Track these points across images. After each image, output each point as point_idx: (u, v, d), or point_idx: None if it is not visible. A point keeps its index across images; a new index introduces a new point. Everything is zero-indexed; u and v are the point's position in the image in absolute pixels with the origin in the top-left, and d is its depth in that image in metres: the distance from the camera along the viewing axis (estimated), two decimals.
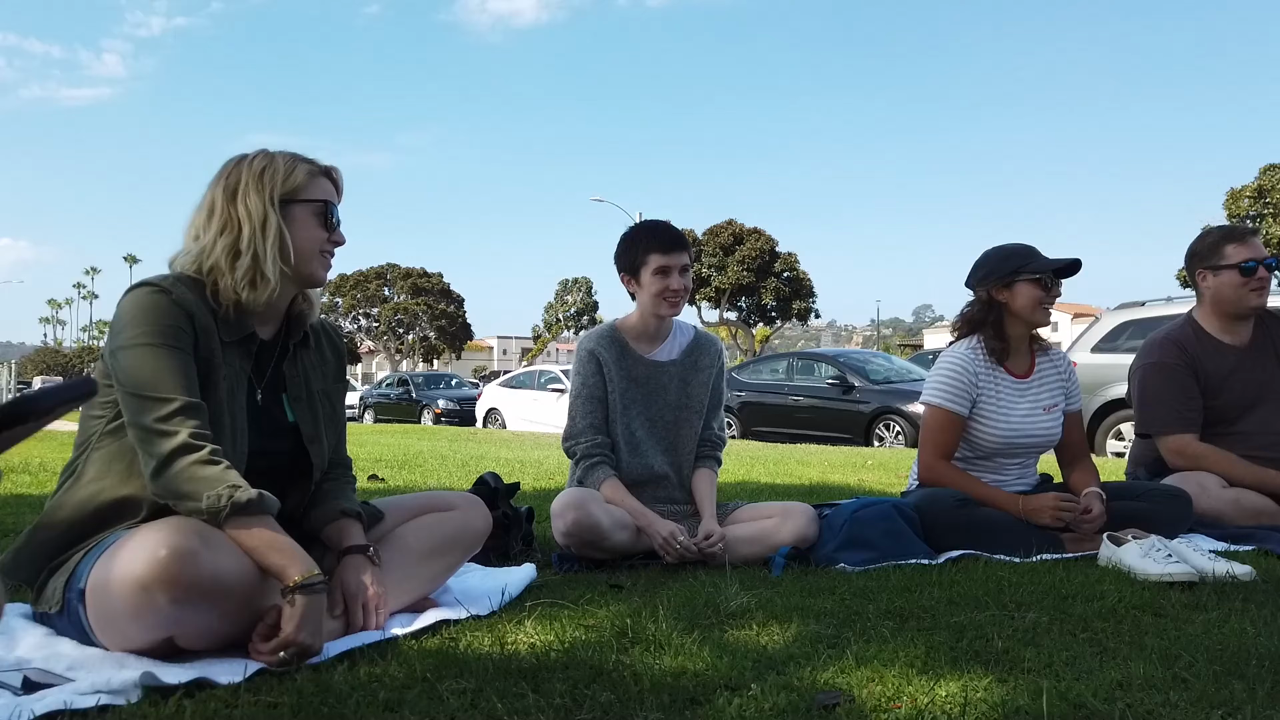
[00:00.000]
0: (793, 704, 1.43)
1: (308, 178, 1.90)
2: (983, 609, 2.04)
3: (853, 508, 2.80)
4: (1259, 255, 3.24)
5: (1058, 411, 3.06)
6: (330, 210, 1.92)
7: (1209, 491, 3.06)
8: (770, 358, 15.18)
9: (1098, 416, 8.37)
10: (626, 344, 2.82)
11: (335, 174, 1.97)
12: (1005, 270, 2.94)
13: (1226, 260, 3.27)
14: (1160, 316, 7.67)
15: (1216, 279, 3.30)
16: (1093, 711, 1.38)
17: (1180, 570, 2.30)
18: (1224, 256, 3.28)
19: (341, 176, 1.99)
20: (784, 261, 43.03)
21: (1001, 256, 2.98)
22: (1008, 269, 2.94)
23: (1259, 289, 3.23)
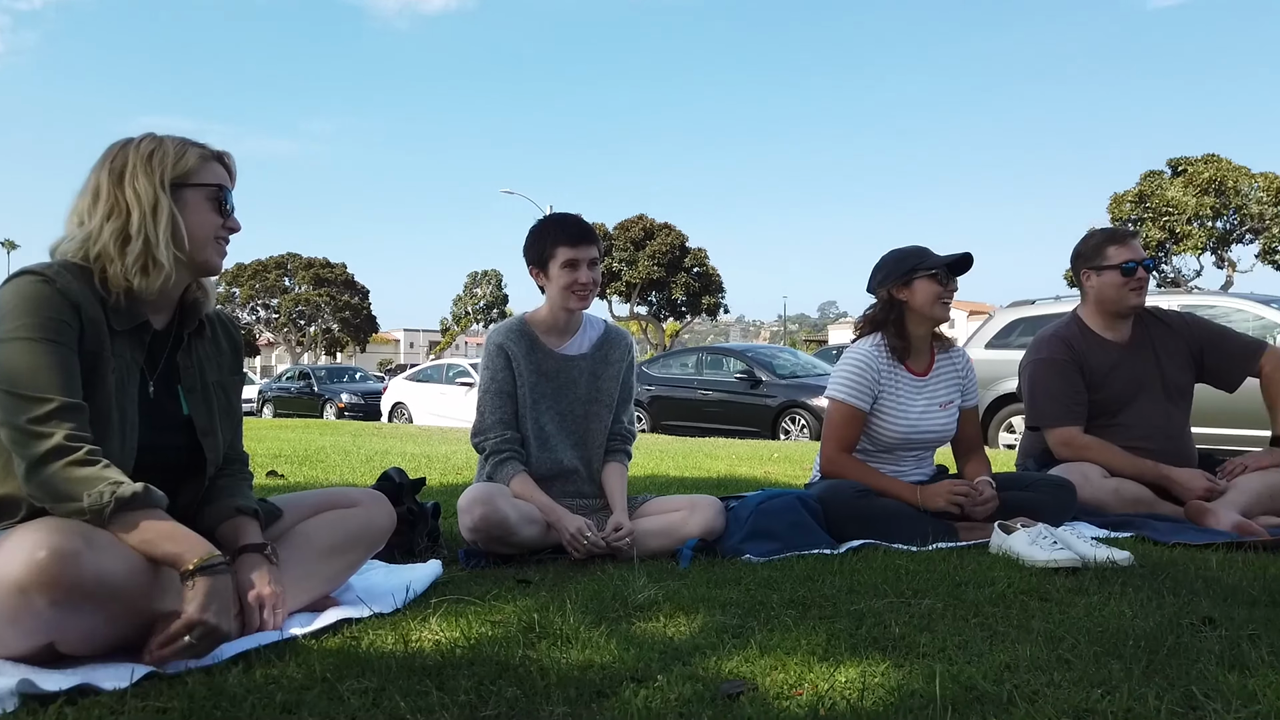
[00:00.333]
0: (698, 694, 1.44)
1: (199, 162, 1.83)
2: (881, 596, 2.10)
3: (758, 500, 2.85)
4: (1138, 256, 3.42)
5: (954, 408, 3.17)
6: (224, 195, 1.86)
7: (1091, 481, 3.22)
8: (680, 352, 15.30)
9: (991, 410, 8.71)
10: (536, 338, 2.80)
11: (228, 159, 1.91)
12: (903, 269, 3.04)
13: (1108, 261, 3.45)
14: (1049, 314, 8.04)
15: (1099, 279, 3.47)
16: (983, 693, 1.44)
17: (1065, 556, 2.42)
18: (1106, 257, 3.46)
19: (234, 162, 1.93)
20: (694, 257, 43.41)
21: (898, 258, 3.08)
22: (905, 268, 3.04)
23: (1138, 288, 3.42)
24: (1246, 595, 2.09)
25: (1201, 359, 3.52)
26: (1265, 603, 2.03)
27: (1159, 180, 34.65)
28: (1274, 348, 3.51)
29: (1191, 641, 1.72)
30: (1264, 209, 32.89)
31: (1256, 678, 1.51)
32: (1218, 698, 1.41)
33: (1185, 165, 34.41)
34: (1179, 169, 34.55)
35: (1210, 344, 3.52)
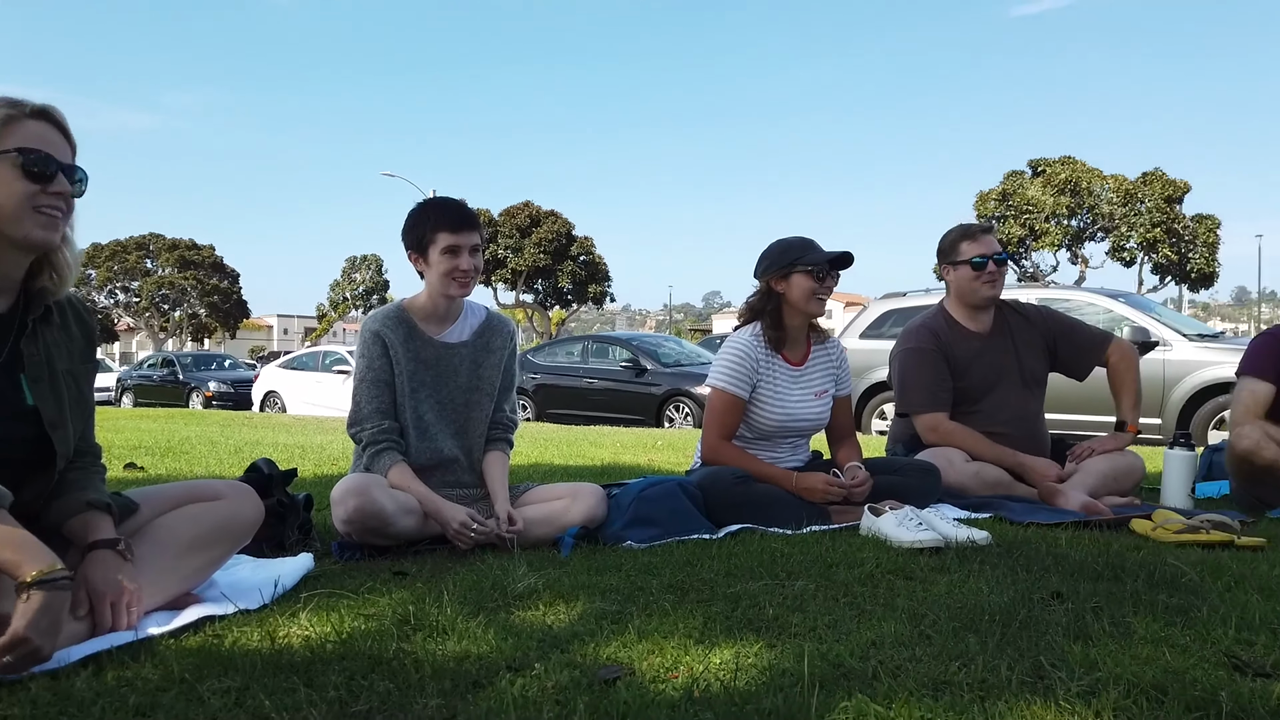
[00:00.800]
0: (575, 681, 1.45)
1: (3, 124, 1.65)
2: (757, 579, 2.15)
3: (640, 487, 2.88)
4: (989, 251, 3.61)
5: (828, 397, 3.27)
6: (39, 160, 1.66)
7: (955, 465, 3.38)
8: (566, 340, 15.26)
9: (864, 398, 9.05)
10: (414, 325, 2.73)
11: (53, 116, 1.72)
12: (783, 262, 3.12)
13: (962, 256, 3.64)
14: (919, 306, 8.38)
15: (956, 273, 3.66)
16: (849, 669, 1.49)
17: (929, 537, 2.53)
18: (960, 253, 3.65)
19: (65, 120, 1.73)
20: (581, 245, 43.32)
21: (781, 249, 3.15)
22: (785, 261, 3.11)
23: (990, 282, 3.61)
24: (1091, 570, 2.23)
25: (1055, 349, 3.74)
26: (1108, 577, 2.17)
27: (1020, 179, 36.61)
28: (1120, 339, 3.77)
29: (1041, 615, 1.83)
30: (1114, 209, 35.20)
31: (1098, 647, 1.62)
32: (1063, 667, 1.50)
33: (1044, 166, 36.48)
34: (1039, 169, 36.60)
35: (1063, 335, 3.74)
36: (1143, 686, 1.40)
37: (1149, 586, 2.08)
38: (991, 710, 1.33)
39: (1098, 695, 1.38)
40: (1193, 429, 7.38)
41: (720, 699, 1.36)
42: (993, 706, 1.34)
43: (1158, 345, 7.73)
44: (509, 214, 42.06)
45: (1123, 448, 3.55)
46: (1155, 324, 8.05)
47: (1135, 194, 35.13)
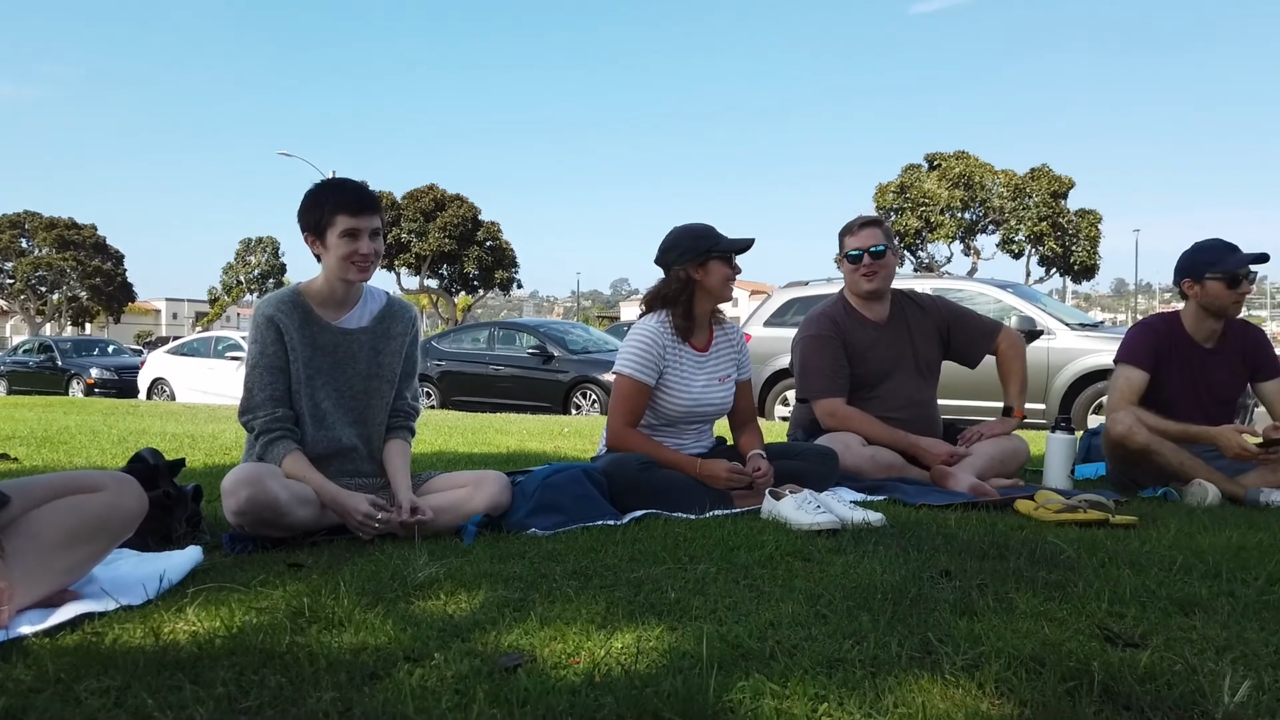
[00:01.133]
0: (475, 669, 1.43)
1: None
2: (660, 564, 2.17)
3: (545, 474, 2.87)
4: (864, 245, 3.72)
5: (731, 382, 3.32)
6: None
7: (852, 449, 3.48)
8: (471, 327, 15.06)
9: (768, 384, 9.22)
10: (311, 310, 2.65)
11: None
12: (700, 249, 3.14)
13: (844, 249, 3.77)
14: (821, 294, 8.58)
15: (844, 265, 3.79)
16: (748, 650, 1.52)
17: (827, 519, 2.60)
18: (844, 246, 3.78)
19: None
20: (487, 230, 42.71)
21: (695, 236, 3.18)
22: (702, 248, 3.14)
23: (867, 274, 3.73)
24: (978, 549, 2.33)
25: (948, 338, 3.88)
26: (993, 555, 2.27)
27: (917, 173, 37.77)
28: (1008, 329, 3.93)
29: (931, 592, 1.90)
30: (1004, 203, 36.67)
31: (982, 622, 1.69)
32: (949, 642, 1.56)
33: (940, 160, 37.73)
34: (934, 163, 37.83)
35: (956, 324, 3.89)
36: (1022, 658, 1.47)
37: (1030, 563, 2.18)
38: (882, 685, 1.37)
39: (981, 668, 1.44)
40: (1073, 414, 7.77)
41: (621, 683, 1.37)
42: (883, 681, 1.39)
43: (1043, 334, 8.11)
44: (412, 197, 41.16)
45: (1009, 432, 3.71)
46: (1041, 314, 8.43)
47: (1024, 189, 36.66)
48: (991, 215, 37.26)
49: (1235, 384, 3.67)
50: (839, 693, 1.34)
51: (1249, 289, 3.52)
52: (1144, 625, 1.70)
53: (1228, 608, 1.82)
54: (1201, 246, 3.60)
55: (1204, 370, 3.61)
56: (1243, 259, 3.49)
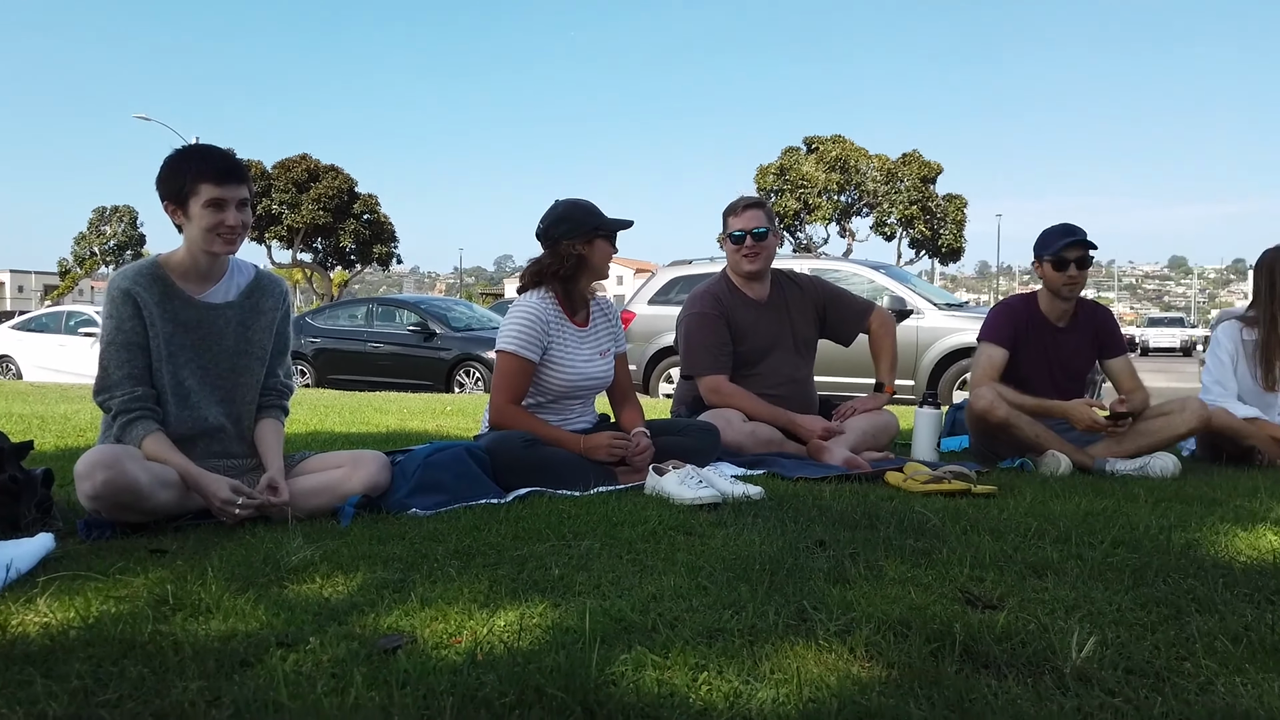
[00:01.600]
0: (353, 653, 1.40)
1: None
2: (544, 541, 2.17)
3: (425, 453, 2.81)
4: (747, 226, 3.81)
5: (610, 355, 3.34)
6: None
7: (733, 425, 3.55)
8: (349, 303, 14.58)
9: (652, 362, 9.30)
10: (172, 283, 2.50)
11: None
12: (587, 226, 3.14)
13: (728, 229, 3.84)
14: (705, 273, 8.69)
15: (726, 245, 3.87)
16: (630, 623, 1.54)
17: (708, 494, 2.65)
18: (727, 226, 3.86)
19: None
20: (364, 203, 41.37)
21: (584, 212, 3.17)
22: (589, 225, 3.13)
23: (749, 255, 3.81)
24: (851, 520, 2.42)
25: (825, 317, 4.00)
26: (865, 525, 2.37)
27: (796, 156, 38.69)
28: (880, 308, 4.09)
29: (806, 562, 1.96)
30: (878, 186, 37.98)
31: (854, 589, 1.76)
32: (823, 609, 1.62)
33: (818, 144, 38.73)
34: (813, 146, 38.82)
35: (832, 304, 4.01)
36: (890, 622, 1.54)
37: (899, 532, 2.28)
38: (759, 653, 1.41)
39: (852, 633, 1.50)
40: (940, 390, 8.15)
41: (504, 660, 1.36)
42: (760, 649, 1.43)
43: (912, 314, 8.46)
44: (284, 167, 39.46)
45: (880, 407, 3.86)
46: (910, 294, 8.79)
47: (896, 173, 38.06)
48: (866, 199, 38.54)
49: (1085, 361, 3.92)
50: (718, 661, 1.37)
51: (1077, 272, 3.73)
52: (1001, 588, 1.81)
53: (1076, 570, 1.95)
54: (1044, 231, 3.82)
55: (1057, 348, 3.84)
56: (1061, 244, 3.70)
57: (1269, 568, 1.98)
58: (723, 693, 1.27)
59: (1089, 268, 3.76)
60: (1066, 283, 3.73)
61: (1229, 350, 4.01)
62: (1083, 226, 3.77)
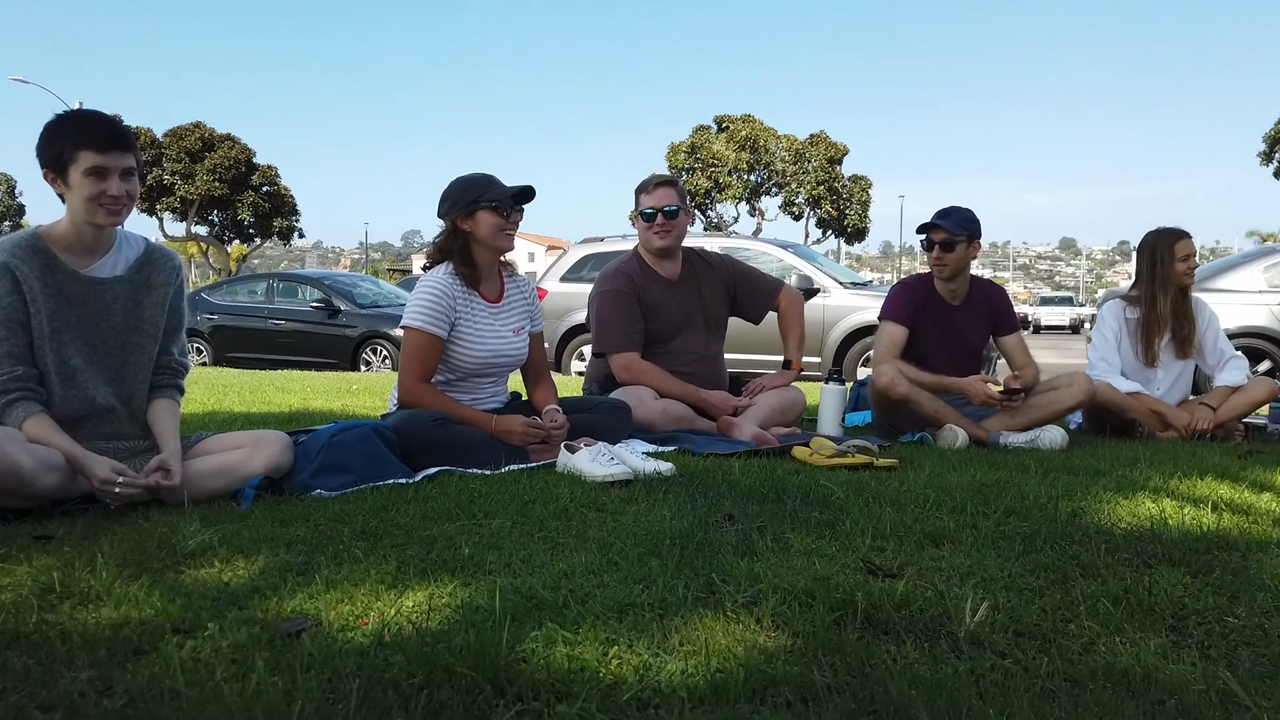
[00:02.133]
0: (254, 638, 1.36)
1: None
2: (454, 520, 2.15)
3: (330, 432, 2.75)
4: (658, 204, 3.82)
5: (524, 334, 3.31)
6: None
7: (644, 403, 3.58)
8: (248, 278, 14.09)
9: (564, 339, 9.27)
10: (54, 256, 2.37)
11: None
12: (466, 200, 3.08)
13: (639, 207, 3.85)
14: (617, 250, 8.70)
15: (638, 222, 3.87)
16: (541, 600, 1.54)
17: (620, 471, 2.66)
18: (639, 203, 3.86)
19: None
20: (263, 174, 39.79)
21: (462, 187, 3.11)
22: (468, 199, 3.08)
23: (660, 232, 3.83)
24: (759, 494, 2.47)
25: (735, 295, 4.05)
26: (772, 499, 2.42)
27: (707, 134, 38.91)
28: (789, 287, 4.16)
29: (715, 536, 1.99)
30: (786, 167, 38.54)
31: (761, 561, 1.80)
32: (732, 581, 1.65)
33: (728, 123, 39.01)
34: (723, 125, 39.09)
35: (742, 282, 4.06)
36: (796, 593, 1.58)
37: (805, 505, 2.34)
38: (669, 626, 1.43)
39: (759, 604, 1.53)
40: (845, 366, 8.36)
41: (412, 641, 1.35)
42: (670, 622, 1.45)
43: (819, 292, 8.64)
44: (176, 135, 37.63)
45: (788, 384, 3.94)
46: (818, 273, 8.97)
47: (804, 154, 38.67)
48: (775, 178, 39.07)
49: (980, 338, 4.08)
50: (629, 635, 1.39)
51: (941, 254, 3.85)
52: (901, 557, 1.87)
53: (971, 538, 2.03)
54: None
55: (954, 326, 3.98)
56: (922, 227, 3.89)
57: (1147, 533, 2.11)
58: (632, 666, 1.28)
59: (955, 250, 3.85)
60: (933, 264, 3.90)
61: (1113, 328, 4.23)
62: (973, 208, 3.91)
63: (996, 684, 1.24)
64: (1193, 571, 1.81)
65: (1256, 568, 1.84)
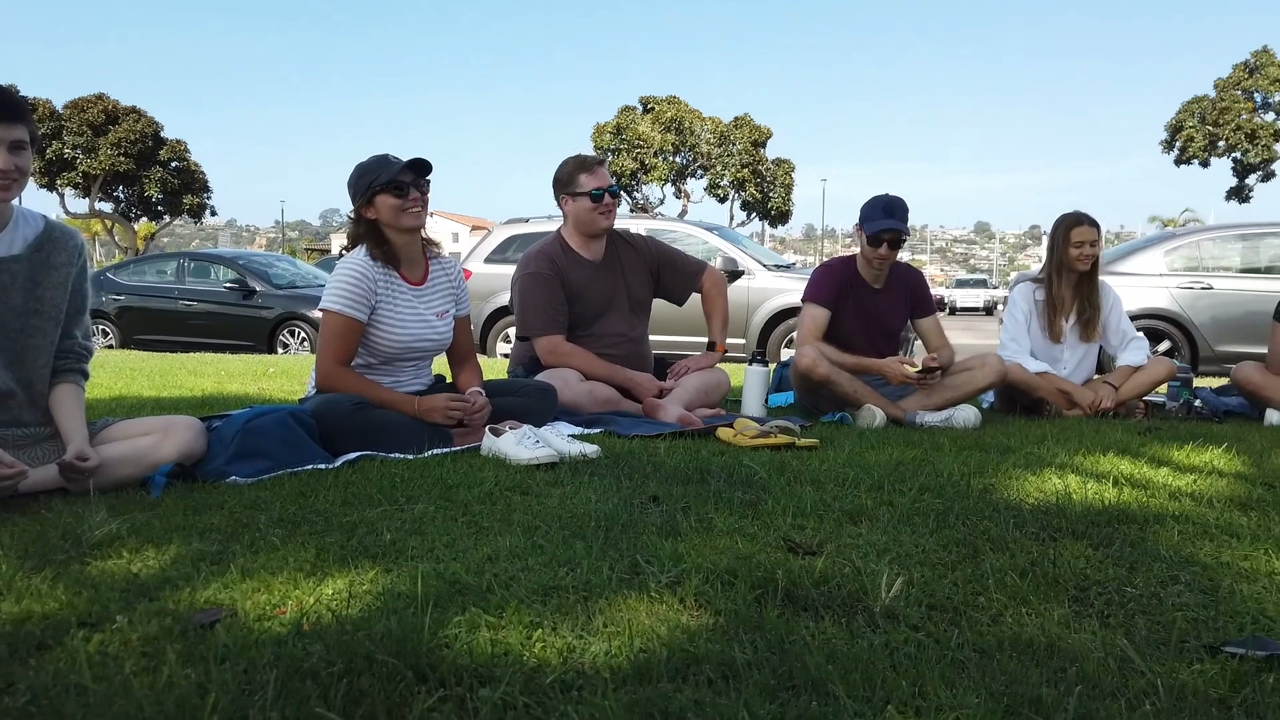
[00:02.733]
0: (165, 630, 1.32)
1: None
2: (375, 506, 2.12)
3: (245, 417, 2.67)
4: (605, 184, 3.81)
5: (449, 317, 3.26)
6: None
7: (570, 385, 3.57)
8: (157, 257, 13.58)
9: (489, 321, 9.18)
10: None
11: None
12: (363, 188, 3.01)
13: (581, 188, 3.80)
14: (543, 231, 8.62)
15: (575, 203, 3.82)
16: (465, 585, 1.53)
17: (545, 454, 2.66)
18: (579, 184, 3.81)
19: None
20: (171, 149, 38.21)
21: (359, 174, 3.04)
22: (364, 186, 3.01)
23: (605, 212, 3.82)
24: (683, 475, 2.49)
25: (659, 277, 4.06)
26: (696, 480, 2.44)
27: (632, 115, 38.82)
28: (712, 268, 4.19)
29: (640, 517, 2.01)
30: (711, 149, 38.72)
31: (685, 542, 1.82)
32: (656, 562, 1.67)
33: (653, 104, 38.97)
34: (649, 107, 39.04)
35: (665, 264, 4.07)
36: (718, 572, 1.61)
37: (728, 485, 2.37)
38: (593, 607, 1.44)
39: (682, 584, 1.55)
40: (768, 348, 8.47)
41: (332, 629, 1.33)
42: (594, 604, 1.45)
43: (744, 274, 8.73)
44: (77, 107, 35.86)
45: (713, 365, 3.98)
46: (742, 255, 9.06)
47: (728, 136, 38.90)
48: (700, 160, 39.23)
49: (899, 321, 4.18)
50: (553, 618, 1.39)
51: (888, 251, 3.95)
52: (821, 535, 1.92)
53: (888, 515, 2.09)
54: (869, 201, 4.02)
55: (874, 309, 4.07)
56: (878, 226, 3.90)
57: (1053, 508, 2.20)
58: (556, 649, 1.29)
59: (901, 246, 3.98)
60: (878, 259, 3.97)
61: (1023, 310, 4.37)
62: (901, 195, 3.99)
63: (909, 656, 1.29)
64: (1094, 544, 1.89)
65: (1153, 539, 1.94)
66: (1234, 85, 32.26)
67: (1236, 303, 7.68)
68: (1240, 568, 1.76)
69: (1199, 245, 8.20)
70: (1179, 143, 33.76)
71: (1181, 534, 1.99)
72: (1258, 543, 1.92)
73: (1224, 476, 2.69)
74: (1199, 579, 1.68)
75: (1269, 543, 1.92)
